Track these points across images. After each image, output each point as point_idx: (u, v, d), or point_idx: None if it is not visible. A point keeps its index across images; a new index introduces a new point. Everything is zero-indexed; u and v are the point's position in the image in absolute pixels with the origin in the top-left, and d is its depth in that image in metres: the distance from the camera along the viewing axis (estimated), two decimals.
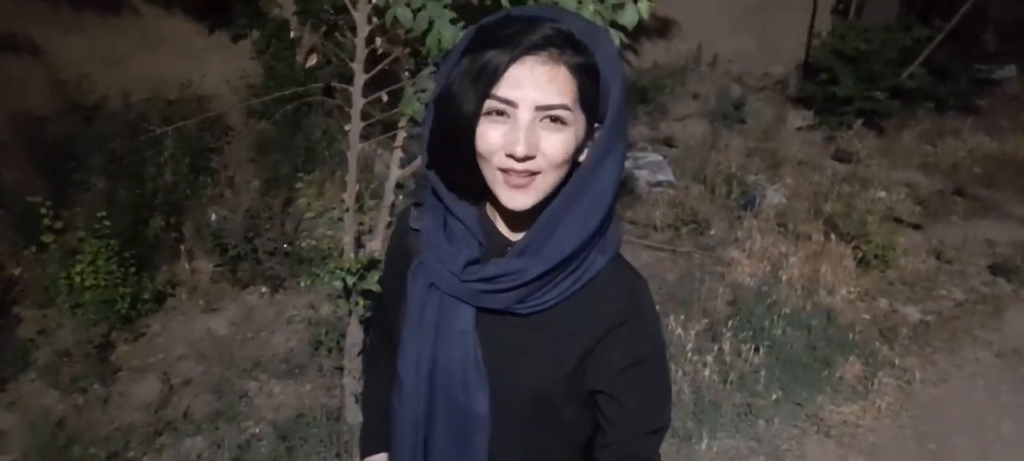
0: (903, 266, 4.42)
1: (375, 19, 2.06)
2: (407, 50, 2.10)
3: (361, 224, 2.71)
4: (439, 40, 1.79)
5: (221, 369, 3.27)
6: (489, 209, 1.01)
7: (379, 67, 2.23)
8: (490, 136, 0.89)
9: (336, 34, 2.40)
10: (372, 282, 2.42)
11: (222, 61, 5.24)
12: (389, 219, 2.51)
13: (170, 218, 4.01)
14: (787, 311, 3.74)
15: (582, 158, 0.94)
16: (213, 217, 4.11)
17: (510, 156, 0.88)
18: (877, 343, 3.64)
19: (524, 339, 0.99)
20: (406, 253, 1.08)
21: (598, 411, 1.03)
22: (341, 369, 2.80)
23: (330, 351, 3.21)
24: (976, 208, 5.57)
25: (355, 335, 2.65)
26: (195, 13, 5.28)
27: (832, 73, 6.49)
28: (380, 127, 2.36)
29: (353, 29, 2.07)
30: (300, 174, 4.16)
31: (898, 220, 5.14)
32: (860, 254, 4.41)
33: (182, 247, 3.93)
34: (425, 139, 0.98)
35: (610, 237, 0.99)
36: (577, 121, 0.90)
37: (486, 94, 0.88)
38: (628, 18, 1.81)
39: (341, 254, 2.42)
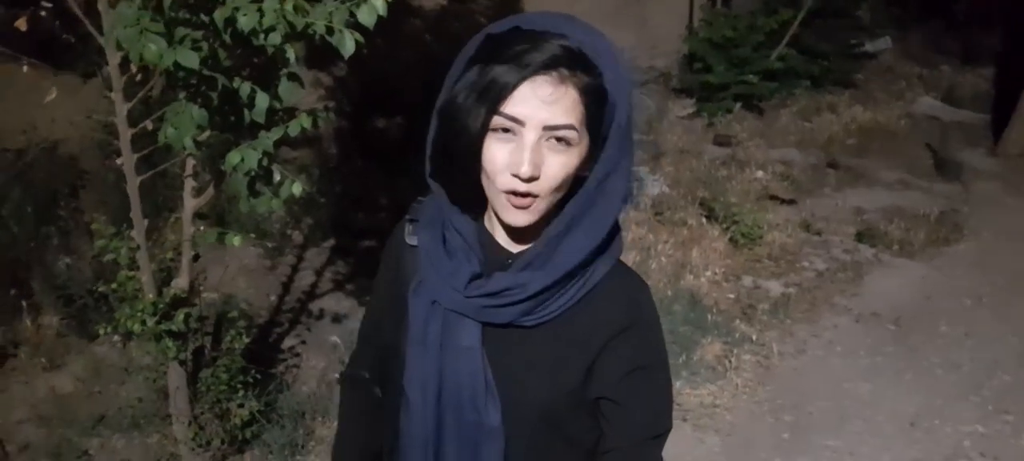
0: (771, 242, 4.54)
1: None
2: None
3: (172, 259, 2.59)
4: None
5: (63, 429, 3.09)
6: (488, 221, 1.01)
7: (141, 94, 2.14)
8: (497, 155, 0.90)
9: None
10: (179, 322, 2.31)
11: (74, 103, 4.98)
12: (194, 252, 2.41)
13: (14, 274, 3.78)
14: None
15: (587, 172, 0.94)
16: (61, 267, 3.90)
17: (515, 176, 0.89)
18: (737, 321, 3.72)
19: (531, 351, 1.00)
20: (401, 269, 1.08)
21: (601, 417, 1.04)
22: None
23: None
24: (847, 178, 5.78)
25: (176, 378, 2.53)
26: (38, 55, 5.01)
27: (705, 62, 6.65)
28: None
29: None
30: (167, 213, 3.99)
31: (773, 197, 5.28)
32: (730, 235, 4.51)
33: (24, 303, 3.71)
34: (428, 149, 0.98)
35: (613, 245, 1.00)
36: (581, 141, 0.91)
37: (494, 111, 0.88)
38: (365, 17, 1.74)
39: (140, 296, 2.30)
